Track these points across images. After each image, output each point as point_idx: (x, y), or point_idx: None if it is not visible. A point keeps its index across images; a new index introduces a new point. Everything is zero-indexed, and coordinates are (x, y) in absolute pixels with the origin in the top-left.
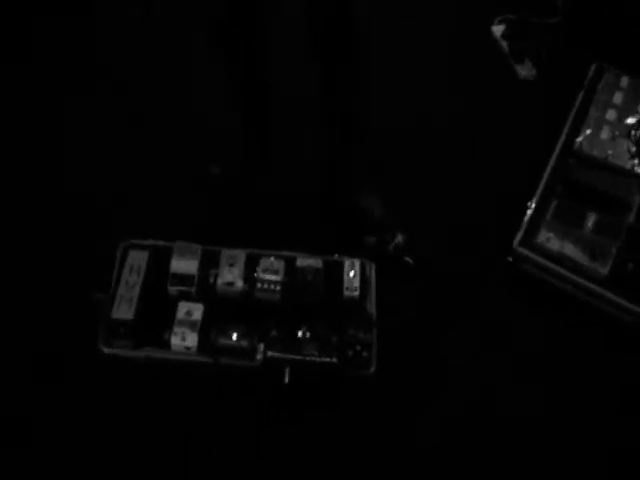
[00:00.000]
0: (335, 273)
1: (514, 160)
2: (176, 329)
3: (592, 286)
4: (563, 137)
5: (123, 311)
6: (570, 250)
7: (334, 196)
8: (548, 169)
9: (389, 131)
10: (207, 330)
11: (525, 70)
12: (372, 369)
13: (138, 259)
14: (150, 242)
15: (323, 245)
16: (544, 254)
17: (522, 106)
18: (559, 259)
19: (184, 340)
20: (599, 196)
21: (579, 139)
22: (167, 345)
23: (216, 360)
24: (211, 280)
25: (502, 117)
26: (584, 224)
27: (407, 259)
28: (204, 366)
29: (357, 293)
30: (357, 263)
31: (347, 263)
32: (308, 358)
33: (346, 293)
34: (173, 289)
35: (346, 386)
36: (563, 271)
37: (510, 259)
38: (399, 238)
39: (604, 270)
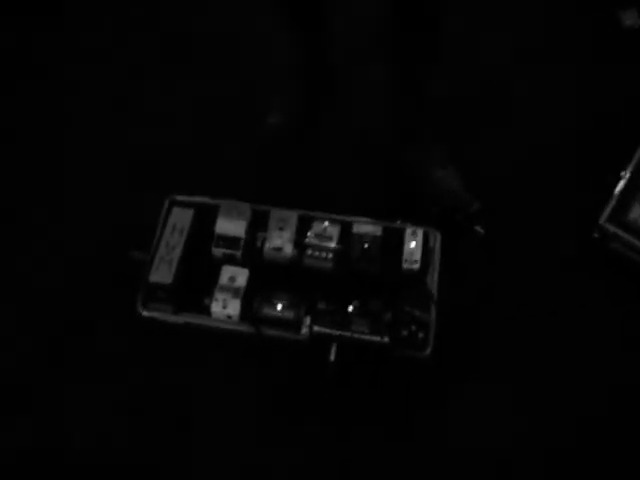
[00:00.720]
0: (395, 242)
1: (607, 122)
2: (218, 295)
3: None
4: None
5: (162, 274)
6: None
7: (402, 155)
8: None
9: (461, 98)
10: (251, 298)
11: (630, 18)
12: (427, 351)
13: (182, 217)
14: (196, 199)
15: (384, 209)
16: (635, 232)
17: (624, 57)
18: None
19: (225, 307)
20: None
21: None
22: (207, 311)
23: (258, 330)
24: (258, 244)
25: (599, 70)
26: None
27: (478, 229)
28: (246, 336)
29: (417, 266)
30: (420, 232)
31: (408, 232)
32: (357, 335)
33: (405, 266)
34: (217, 251)
35: (397, 368)
36: None
37: (596, 235)
38: (476, 206)
39: None
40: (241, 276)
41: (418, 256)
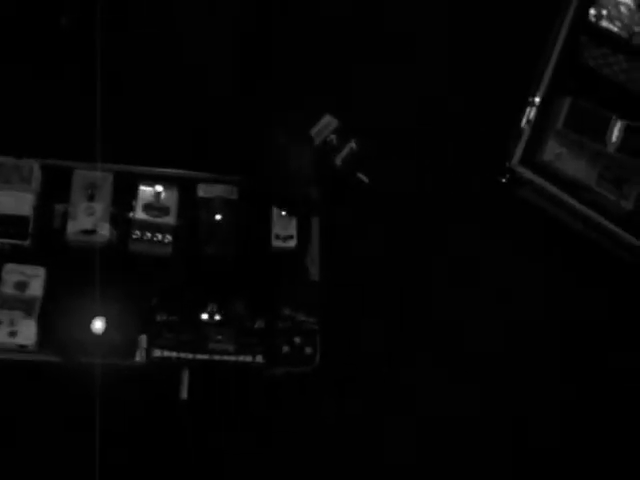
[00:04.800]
0: (258, 208)
1: (509, 40)
2: (0, 315)
3: (610, 226)
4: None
5: None
6: (584, 173)
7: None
8: (555, 52)
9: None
10: (53, 314)
11: None
12: (315, 364)
13: None
14: None
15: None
16: (551, 176)
17: None
18: (571, 184)
19: (14, 334)
20: (628, 94)
21: (594, 11)
22: None
23: (70, 361)
24: (57, 223)
25: None
26: (606, 135)
27: (361, 176)
28: (50, 368)
29: (293, 243)
30: None
31: None
32: (218, 357)
33: (276, 243)
34: None
35: (275, 392)
36: (573, 202)
37: (503, 180)
38: (353, 145)
39: (628, 204)
40: (35, 280)
41: (293, 229)
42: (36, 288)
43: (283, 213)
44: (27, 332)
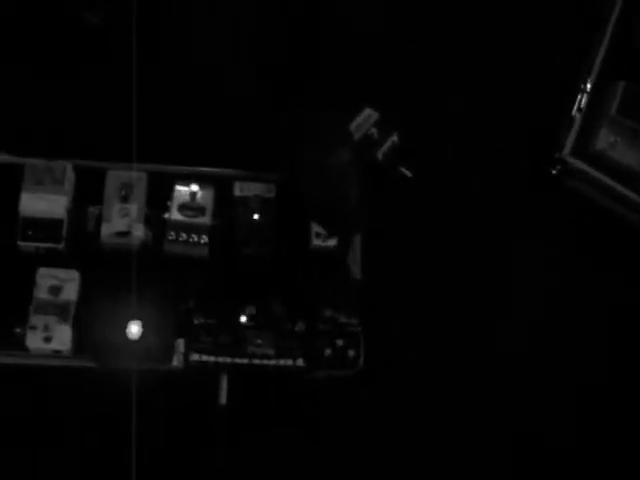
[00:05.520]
0: (296, 206)
1: (548, 27)
2: (35, 320)
3: None
4: None
5: None
6: None
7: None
8: (606, 35)
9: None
10: (88, 319)
11: None
12: (358, 367)
13: None
14: None
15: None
16: (604, 167)
17: None
18: (626, 174)
19: (49, 340)
20: None
21: None
22: (22, 346)
23: (105, 366)
24: (91, 226)
25: None
26: None
27: (404, 170)
28: (85, 374)
29: (334, 241)
30: None
31: None
32: (258, 361)
33: (316, 242)
34: (26, 246)
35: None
36: (628, 192)
37: (554, 172)
38: (394, 138)
39: None
40: (69, 283)
41: None
42: (70, 292)
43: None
44: (62, 337)
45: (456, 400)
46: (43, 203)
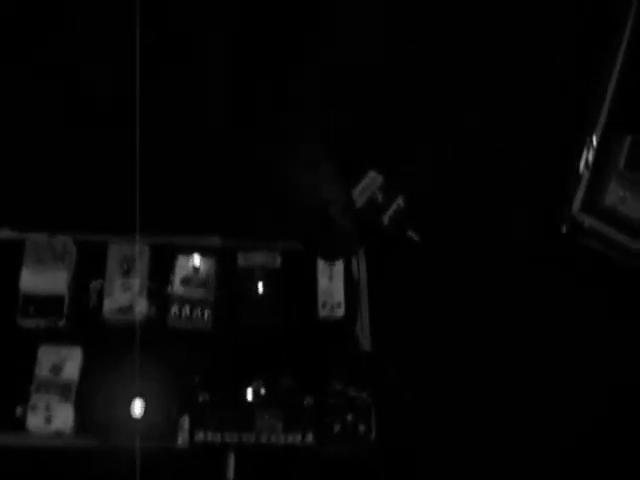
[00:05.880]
0: (302, 275)
1: (556, 76)
2: (36, 399)
3: None
4: (628, 30)
5: None
6: None
7: None
8: (611, 86)
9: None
10: (90, 396)
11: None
12: (370, 442)
13: None
14: None
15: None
16: (615, 222)
17: None
18: (637, 229)
19: (50, 420)
20: None
21: None
22: (23, 426)
23: (108, 445)
24: (93, 301)
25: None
26: None
27: (411, 234)
28: (88, 453)
29: (341, 311)
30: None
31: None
32: (265, 438)
33: (323, 312)
34: (28, 322)
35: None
36: None
37: (564, 230)
38: (400, 202)
39: None
40: (70, 361)
41: (341, 296)
42: (72, 370)
43: (330, 280)
44: (64, 417)
45: (474, 475)
46: (44, 279)
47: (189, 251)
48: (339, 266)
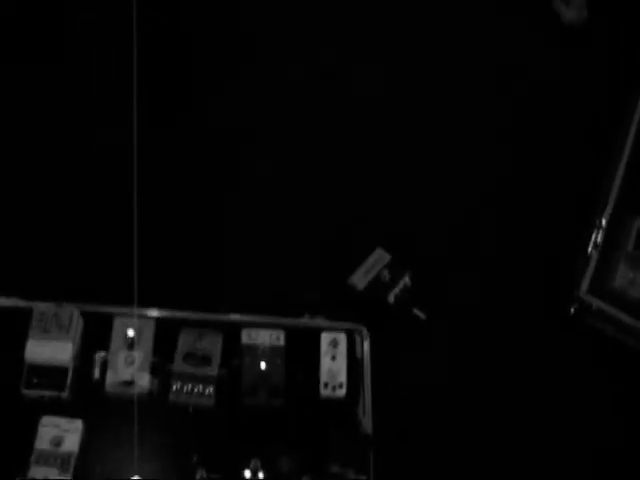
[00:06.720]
0: (305, 354)
1: (564, 154)
2: (35, 470)
3: None
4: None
5: None
6: None
7: None
8: (622, 165)
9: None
10: (89, 470)
11: (571, 13)
12: None
13: None
14: None
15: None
16: (623, 305)
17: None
18: None
19: None
20: None
21: None
22: None
23: None
24: (96, 374)
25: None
26: None
27: (417, 312)
28: None
29: (343, 392)
30: (342, 339)
31: (325, 337)
32: None
33: (325, 393)
34: (31, 393)
35: None
36: None
37: (572, 310)
38: (406, 280)
39: None
40: (71, 434)
41: (343, 376)
42: (72, 443)
43: (333, 360)
44: None
45: None
46: (48, 350)
47: (193, 326)
48: (342, 346)
